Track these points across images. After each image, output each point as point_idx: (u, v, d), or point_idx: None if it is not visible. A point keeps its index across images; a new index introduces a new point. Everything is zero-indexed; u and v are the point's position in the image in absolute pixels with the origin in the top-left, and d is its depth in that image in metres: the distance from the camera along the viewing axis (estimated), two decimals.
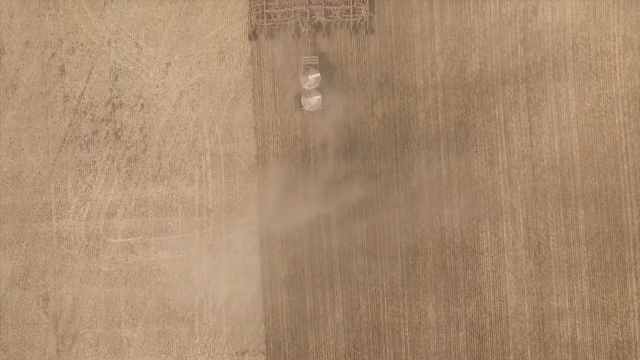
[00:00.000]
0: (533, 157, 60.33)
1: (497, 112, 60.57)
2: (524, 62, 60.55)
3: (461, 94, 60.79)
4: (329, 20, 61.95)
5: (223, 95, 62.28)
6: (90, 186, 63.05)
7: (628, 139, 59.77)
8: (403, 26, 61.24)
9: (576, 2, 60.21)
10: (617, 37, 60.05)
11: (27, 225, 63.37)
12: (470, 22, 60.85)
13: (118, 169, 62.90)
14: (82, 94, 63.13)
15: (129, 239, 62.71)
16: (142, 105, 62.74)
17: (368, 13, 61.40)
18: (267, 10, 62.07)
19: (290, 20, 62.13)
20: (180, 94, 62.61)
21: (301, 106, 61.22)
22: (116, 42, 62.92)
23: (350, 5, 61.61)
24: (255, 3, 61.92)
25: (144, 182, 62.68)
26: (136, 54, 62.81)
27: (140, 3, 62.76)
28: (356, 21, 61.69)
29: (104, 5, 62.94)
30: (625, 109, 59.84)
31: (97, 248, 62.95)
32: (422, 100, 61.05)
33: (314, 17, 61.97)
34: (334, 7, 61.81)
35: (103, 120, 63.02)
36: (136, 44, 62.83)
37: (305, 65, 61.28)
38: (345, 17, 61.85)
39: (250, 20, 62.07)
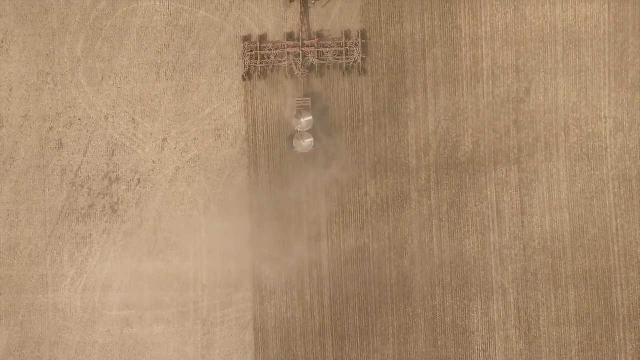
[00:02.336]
0: (524, 237, 60.92)
1: (489, 192, 61.17)
2: (517, 143, 61.16)
3: (454, 174, 61.38)
4: (322, 62, 62.49)
5: (219, 172, 62.84)
6: (86, 259, 63.61)
7: (619, 220, 60.35)
8: (397, 106, 61.82)
9: (568, 84, 60.83)
10: (608, 119, 60.66)
11: (23, 297, 63.93)
12: (464, 103, 61.44)
13: (114, 243, 63.46)
14: (80, 167, 63.71)
15: (124, 312, 63.26)
16: (139, 180, 63.33)
17: (361, 55, 61.94)
18: (260, 52, 62.64)
19: (284, 61, 62.66)
20: (177, 170, 63.19)
21: (293, 148, 61.75)
22: (113, 117, 63.53)
23: (343, 47, 62.19)
24: (249, 44, 62.50)
25: (139, 256, 63.22)
26: (133, 129, 63.40)
27: (137, 79, 63.35)
28: (349, 63, 62.21)
29: (102, 80, 63.54)
30: (616, 190, 60.43)
31: (92, 320, 63.49)
32: (415, 180, 61.63)
33: (307, 59, 62.53)
34: (327, 49, 62.35)
35: (100, 194, 63.60)
36: (133, 119, 63.41)
37: (297, 108, 61.85)
38: (338, 59, 62.40)
39: (244, 61, 62.57)
